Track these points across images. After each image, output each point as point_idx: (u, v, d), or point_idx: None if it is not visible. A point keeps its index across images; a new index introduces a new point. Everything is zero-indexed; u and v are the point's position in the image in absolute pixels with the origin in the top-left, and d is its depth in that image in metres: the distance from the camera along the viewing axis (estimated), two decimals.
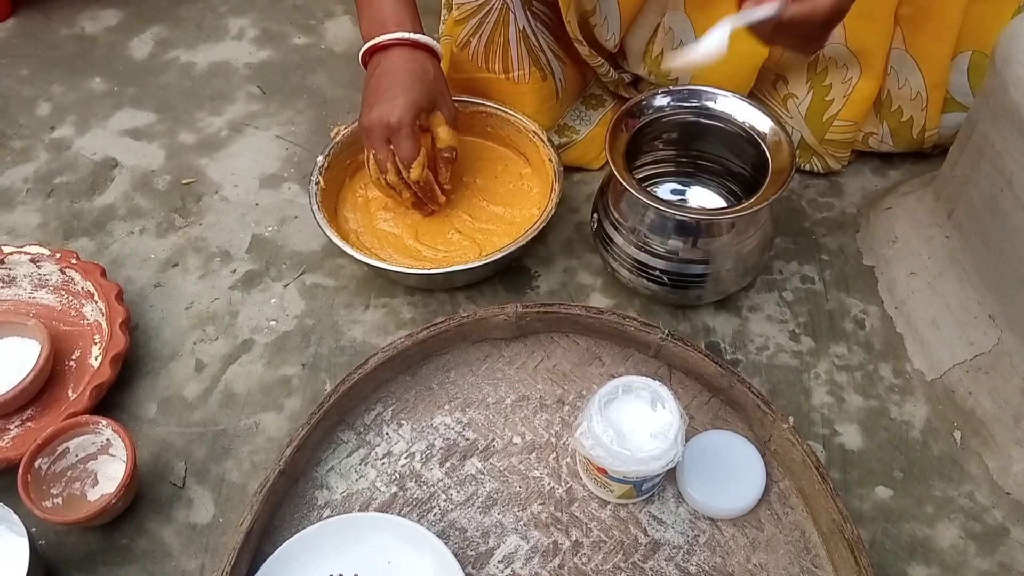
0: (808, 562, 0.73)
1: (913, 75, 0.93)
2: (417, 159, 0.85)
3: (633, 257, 0.85)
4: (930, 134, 0.97)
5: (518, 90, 0.97)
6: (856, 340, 0.89)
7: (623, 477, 0.69)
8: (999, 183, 0.76)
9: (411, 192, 0.90)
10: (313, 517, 0.75)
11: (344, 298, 0.94)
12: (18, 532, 0.70)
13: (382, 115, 0.83)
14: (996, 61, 0.75)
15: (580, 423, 0.70)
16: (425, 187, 0.90)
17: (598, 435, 0.68)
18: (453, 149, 0.90)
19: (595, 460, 0.69)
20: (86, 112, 1.15)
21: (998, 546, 0.75)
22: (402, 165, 0.86)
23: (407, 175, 0.87)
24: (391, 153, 0.86)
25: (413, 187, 0.89)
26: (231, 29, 1.26)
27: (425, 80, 0.86)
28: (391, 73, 0.85)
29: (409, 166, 0.86)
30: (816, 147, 0.99)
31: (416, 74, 0.85)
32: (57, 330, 0.88)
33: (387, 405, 0.82)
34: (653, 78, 1.00)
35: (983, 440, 0.80)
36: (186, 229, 1.01)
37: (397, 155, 0.86)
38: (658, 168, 0.97)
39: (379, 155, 0.86)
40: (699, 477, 0.75)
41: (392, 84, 0.85)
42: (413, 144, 0.85)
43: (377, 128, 0.84)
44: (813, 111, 0.97)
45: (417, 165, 0.86)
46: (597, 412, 0.69)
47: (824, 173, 1.03)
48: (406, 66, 0.85)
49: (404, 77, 0.85)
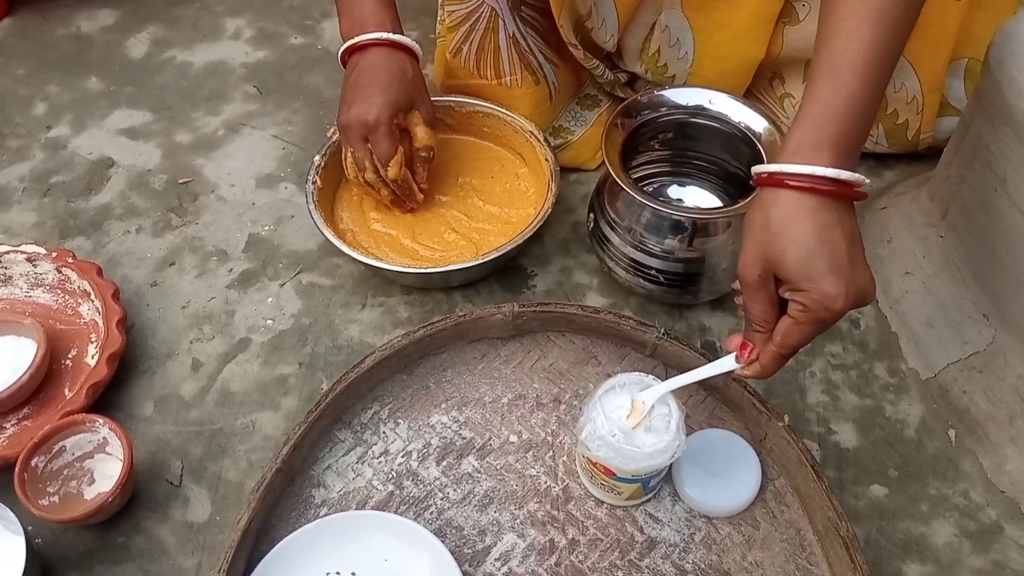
0: (804, 560, 0.73)
1: (910, 80, 0.93)
2: (395, 157, 0.86)
3: (629, 256, 0.85)
4: (924, 137, 0.98)
5: (512, 95, 0.97)
6: (851, 339, 0.89)
7: (632, 476, 0.69)
8: (993, 183, 0.76)
9: (389, 190, 0.91)
10: (310, 515, 0.75)
11: (341, 297, 0.94)
12: (14, 531, 0.70)
13: (360, 114, 0.84)
14: (990, 62, 0.76)
15: (583, 427, 0.69)
16: (403, 185, 0.91)
17: (604, 436, 0.67)
18: (430, 149, 0.91)
19: (603, 461, 0.69)
20: (82, 111, 1.14)
21: (992, 544, 0.76)
22: (380, 163, 0.87)
23: (385, 173, 0.88)
24: (369, 151, 0.87)
25: (391, 185, 0.90)
26: (227, 29, 1.26)
27: (403, 80, 0.86)
28: (369, 72, 0.86)
29: (387, 164, 0.87)
30: None
31: (395, 74, 0.86)
32: (53, 329, 0.88)
33: (384, 404, 0.82)
34: (650, 75, 1.01)
35: (977, 439, 0.80)
36: (183, 228, 1.01)
37: (375, 153, 0.86)
38: (654, 168, 0.97)
39: (357, 153, 0.87)
40: (695, 475, 0.75)
41: (370, 83, 0.85)
42: (391, 143, 0.86)
43: (355, 126, 0.85)
44: None
45: (395, 163, 0.87)
46: (599, 413, 0.68)
47: None
48: (385, 65, 0.86)
49: (382, 76, 0.85)
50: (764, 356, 0.64)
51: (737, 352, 0.67)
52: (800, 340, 0.62)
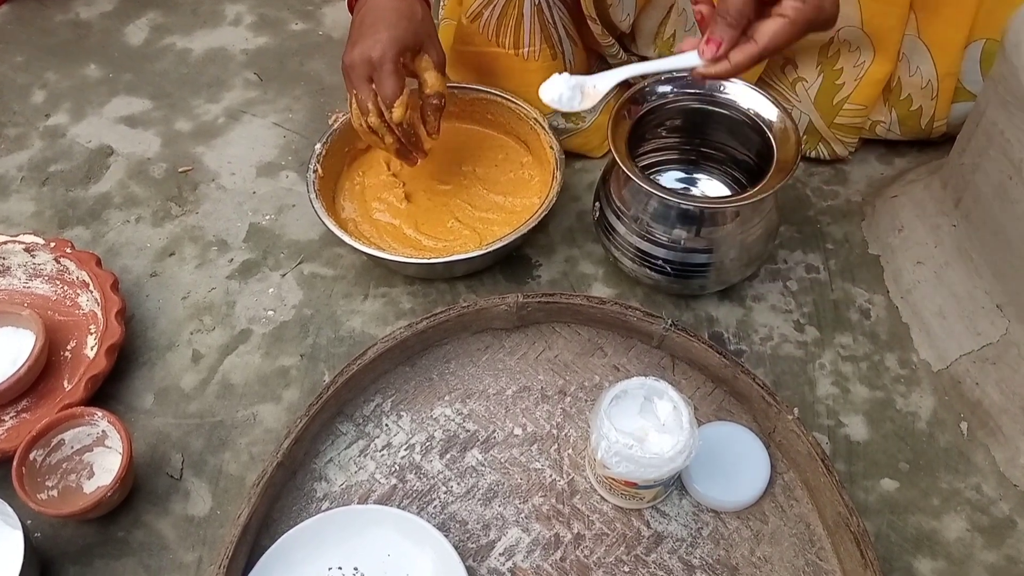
0: (813, 555, 0.72)
1: (925, 63, 0.91)
2: (400, 98, 0.81)
3: (636, 246, 0.84)
4: (938, 124, 0.96)
5: (527, 67, 0.94)
6: (861, 330, 0.88)
7: (654, 482, 0.68)
8: (1008, 171, 0.74)
9: (394, 137, 0.85)
10: (312, 509, 0.75)
11: (343, 288, 0.92)
12: (13, 525, 0.69)
13: (364, 51, 0.80)
14: (1006, 47, 0.74)
15: (596, 445, 0.67)
16: (408, 132, 0.85)
17: (620, 450, 0.66)
18: (441, 95, 0.86)
19: (625, 476, 0.67)
20: (81, 99, 1.13)
21: (1005, 538, 0.75)
22: (384, 105, 0.82)
23: (389, 116, 0.82)
24: (373, 93, 0.82)
25: (396, 131, 0.84)
26: (227, 15, 1.25)
27: (412, 19, 0.82)
28: (377, 11, 0.82)
29: (391, 106, 0.81)
30: (824, 132, 0.98)
31: (403, 12, 0.82)
32: (52, 320, 0.87)
33: (386, 396, 0.81)
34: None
35: (990, 431, 0.79)
36: (182, 218, 0.99)
37: (379, 94, 0.81)
38: (661, 156, 0.95)
39: (360, 95, 0.82)
40: (703, 469, 0.74)
41: (376, 21, 0.81)
42: (395, 82, 0.80)
43: (359, 65, 0.80)
44: (823, 94, 0.96)
45: (400, 105, 0.81)
46: (611, 428, 0.67)
47: (830, 160, 1.01)
48: (393, 5, 0.82)
49: (390, 14, 0.81)
50: (739, 54, 0.66)
51: (701, 48, 0.67)
52: (786, 40, 0.64)
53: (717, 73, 0.67)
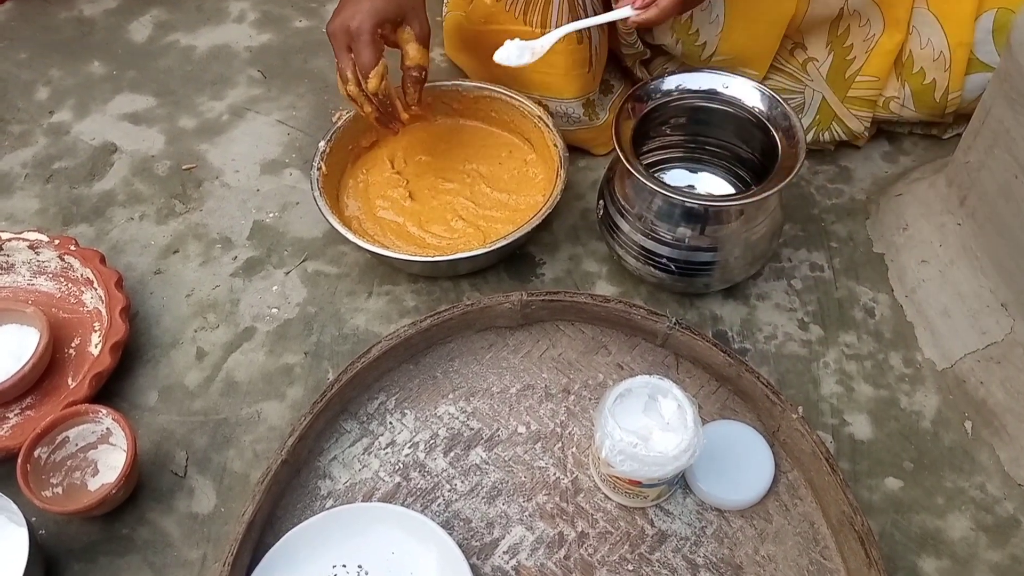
0: (817, 554, 0.72)
1: (936, 34, 0.91)
2: (375, 69, 0.83)
3: (640, 244, 0.84)
4: (953, 97, 0.94)
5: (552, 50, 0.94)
6: (866, 329, 0.88)
7: (658, 481, 0.68)
8: (1013, 169, 0.74)
9: (372, 106, 0.87)
10: (316, 507, 0.75)
11: (347, 286, 0.92)
12: (18, 522, 0.69)
13: (344, 20, 0.82)
14: (1012, 44, 0.74)
15: (600, 444, 0.68)
16: (384, 101, 0.87)
17: (624, 449, 0.66)
18: (422, 68, 0.88)
19: (629, 475, 0.67)
20: (85, 96, 1.13)
21: (1010, 538, 0.74)
22: (361, 75, 0.84)
23: (365, 85, 0.84)
24: (351, 62, 0.84)
25: (373, 101, 0.87)
26: (231, 12, 1.25)
27: None
28: None
29: (367, 76, 0.83)
30: (838, 108, 0.97)
31: None
32: (56, 317, 0.87)
33: (390, 394, 0.81)
34: (681, 46, 0.96)
35: (995, 431, 0.79)
36: (186, 215, 0.99)
37: (356, 63, 0.83)
38: (665, 154, 0.95)
39: (340, 63, 0.84)
40: (707, 468, 0.74)
41: None
42: (371, 52, 0.82)
43: (339, 34, 0.83)
44: (834, 71, 0.96)
45: (375, 75, 0.83)
46: (615, 426, 0.67)
47: (843, 142, 1.01)
48: None
49: None
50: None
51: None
52: None
53: (648, 19, 0.70)
